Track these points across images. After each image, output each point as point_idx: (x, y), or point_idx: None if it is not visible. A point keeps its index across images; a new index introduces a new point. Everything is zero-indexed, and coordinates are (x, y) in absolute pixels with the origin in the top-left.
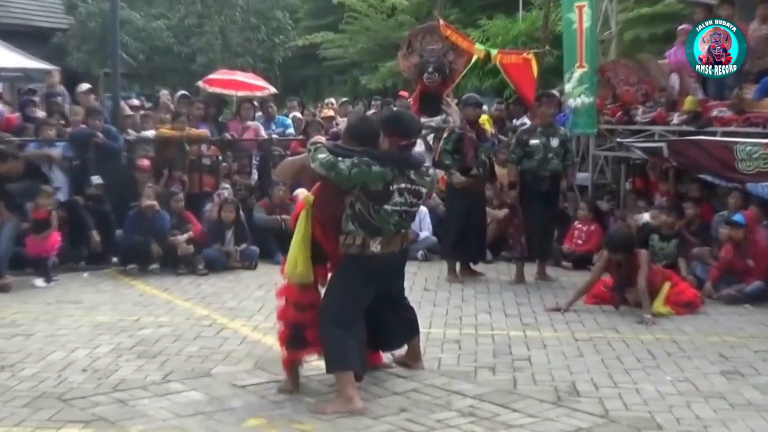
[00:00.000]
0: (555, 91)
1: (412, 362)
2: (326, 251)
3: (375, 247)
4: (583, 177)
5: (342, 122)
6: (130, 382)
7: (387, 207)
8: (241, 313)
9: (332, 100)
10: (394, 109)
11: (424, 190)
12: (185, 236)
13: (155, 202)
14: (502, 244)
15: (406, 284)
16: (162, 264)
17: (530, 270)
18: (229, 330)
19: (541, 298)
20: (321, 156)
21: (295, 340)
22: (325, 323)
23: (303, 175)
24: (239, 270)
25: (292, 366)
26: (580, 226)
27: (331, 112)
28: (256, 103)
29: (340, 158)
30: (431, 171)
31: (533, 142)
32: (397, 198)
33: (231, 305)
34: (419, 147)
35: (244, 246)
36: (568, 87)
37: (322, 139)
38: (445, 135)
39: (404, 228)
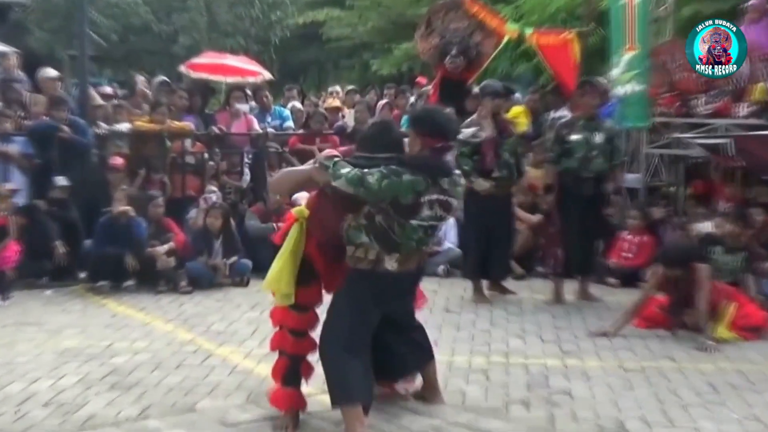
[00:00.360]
0: (600, 78)
1: (429, 395)
2: (318, 271)
3: (390, 264)
4: (633, 179)
5: (349, 114)
6: (101, 419)
7: (414, 222)
8: (231, 337)
9: (338, 88)
10: (426, 105)
11: (454, 202)
12: (165, 247)
13: (130, 208)
14: (535, 257)
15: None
16: (138, 280)
17: (570, 288)
18: (216, 357)
19: (584, 320)
20: (344, 171)
21: (292, 374)
22: (327, 348)
23: (301, 190)
24: (228, 287)
25: (287, 406)
26: (629, 236)
27: (336, 102)
28: (248, 92)
29: (366, 170)
30: (461, 179)
31: (574, 137)
32: (426, 211)
33: (219, 328)
34: None
35: (234, 259)
36: (615, 72)
37: (334, 150)
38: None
39: (426, 244)
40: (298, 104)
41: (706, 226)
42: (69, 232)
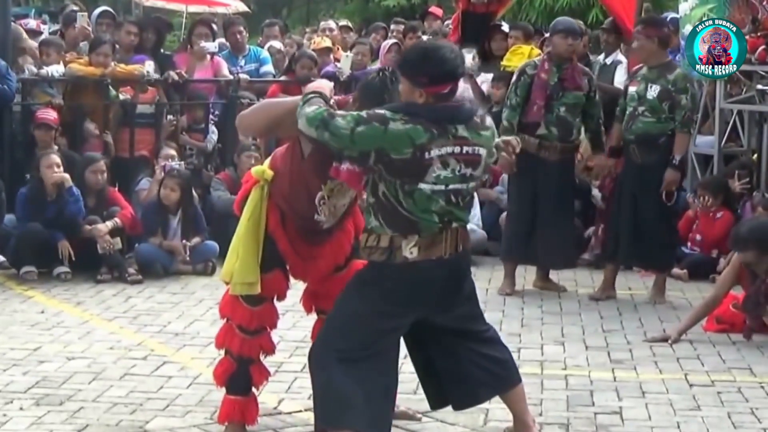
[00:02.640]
0: (670, 15)
1: None
2: (282, 253)
3: (408, 251)
4: (704, 142)
5: (344, 58)
6: None
7: (424, 186)
8: (191, 340)
9: (331, 23)
10: (421, 40)
11: (483, 152)
12: (108, 225)
13: (66, 176)
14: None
15: None
16: (74, 267)
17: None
18: (173, 365)
19: (641, 321)
20: (309, 110)
21: (237, 380)
22: (319, 354)
23: (282, 131)
24: (189, 276)
25: (228, 417)
26: (700, 216)
27: (327, 42)
28: (215, 27)
29: (339, 113)
30: (488, 120)
31: (631, 89)
32: (438, 171)
33: (176, 328)
34: (467, 93)
35: (196, 240)
36: (685, 7)
37: (327, 86)
38: (514, 78)
39: (457, 218)
40: (278, 44)
41: None
42: None
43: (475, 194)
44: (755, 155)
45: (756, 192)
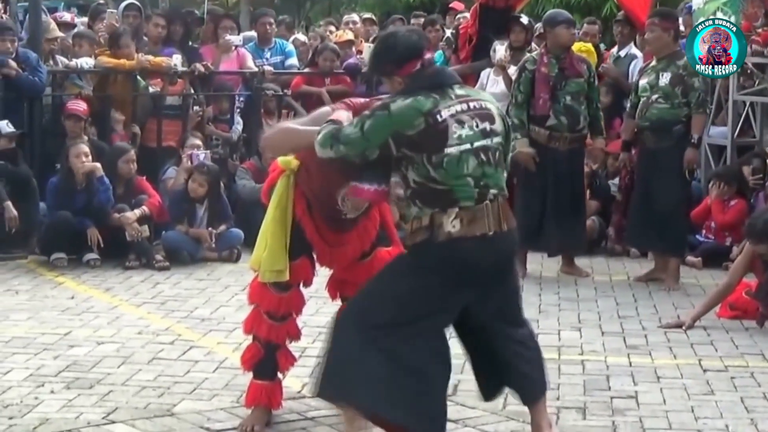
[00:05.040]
0: (683, 7)
1: None
2: (309, 240)
3: (450, 225)
4: (718, 133)
5: (367, 49)
6: (56, 423)
7: (451, 150)
8: (217, 325)
9: (354, 16)
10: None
11: (491, 107)
12: (137, 213)
13: (97, 165)
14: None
15: None
16: (103, 253)
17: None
18: (199, 350)
19: (655, 308)
20: (320, 137)
21: (264, 365)
22: (352, 328)
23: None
24: (214, 262)
25: (255, 401)
26: (714, 205)
27: (350, 35)
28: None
29: (345, 125)
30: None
31: (642, 82)
32: (458, 131)
33: (202, 314)
34: (497, 87)
35: (222, 228)
36: (698, 1)
37: (345, 117)
38: (515, 75)
39: (493, 182)
40: (302, 37)
41: None
42: (21, 191)
43: None
44: (766, 147)
45: None
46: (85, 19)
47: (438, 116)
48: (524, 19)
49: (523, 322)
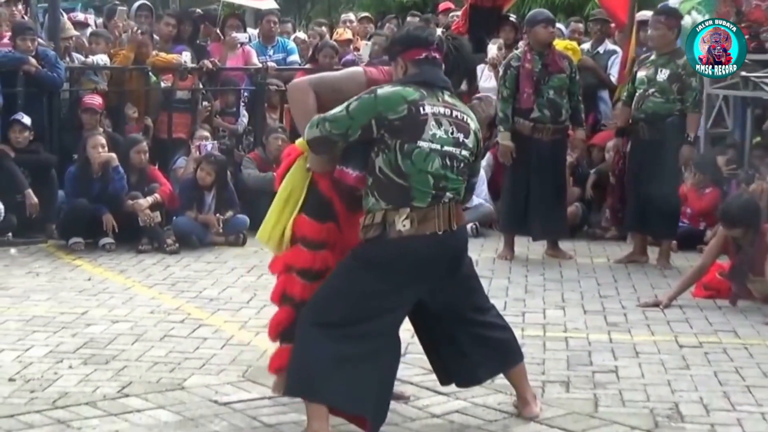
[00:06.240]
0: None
1: (520, 407)
2: (336, 210)
3: (401, 224)
4: None
5: (364, 47)
6: (74, 396)
7: (422, 144)
8: (225, 305)
9: (351, 16)
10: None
11: (471, 123)
12: (149, 200)
13: (113, 155)
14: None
15: None
16: (117, 238)
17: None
18: (208, 328)
19: (634, 288)
20: (312, 120)
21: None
22: (305, 326)
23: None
24: (222, 247)
25: (284, 367)
26: (689, 191)
27: (349, 34)
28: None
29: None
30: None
31: (640, 74)
32: (434, 129)
33: (211, 294)
34: (490, 82)
35: (229, 214)
36: (674, 1)
37: (374, 72)
38: (501, 72)
39: (451, 186)
40: (302, 35)
41: None
42: (42, 179)
43: (482, 171)
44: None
45: (739, 170)
46: (101, 20)
47: (421, 108)
48: (513, 18)
49: (484, 305)
